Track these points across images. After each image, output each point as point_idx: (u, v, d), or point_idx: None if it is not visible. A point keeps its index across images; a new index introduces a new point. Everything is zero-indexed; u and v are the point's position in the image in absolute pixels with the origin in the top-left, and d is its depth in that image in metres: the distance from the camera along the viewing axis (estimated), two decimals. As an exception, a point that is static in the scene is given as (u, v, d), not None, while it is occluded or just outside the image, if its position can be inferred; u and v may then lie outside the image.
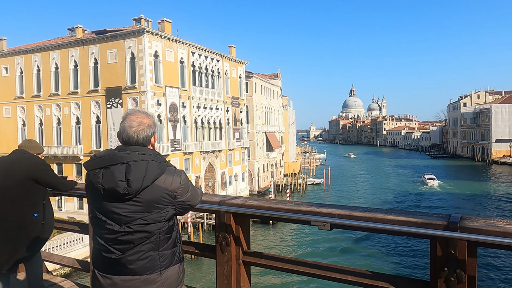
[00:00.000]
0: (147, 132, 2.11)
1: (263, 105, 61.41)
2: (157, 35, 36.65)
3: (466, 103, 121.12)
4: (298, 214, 2.22)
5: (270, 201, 2.46)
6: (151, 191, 1.98)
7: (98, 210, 2.05)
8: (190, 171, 41.11)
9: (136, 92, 35.92)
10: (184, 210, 2.13)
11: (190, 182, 2.17)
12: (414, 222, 1.92)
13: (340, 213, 2.13)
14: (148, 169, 1.98)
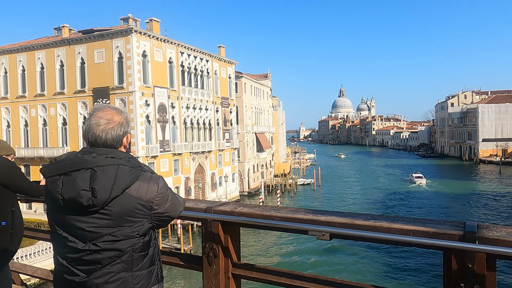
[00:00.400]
0: (117, 132, 1.78)
1: (253, 105, 61.18)
2: (145, 35, 36.15)
3: (453, 103, 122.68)
4: (293, 222, 1.99)
5: (263, 208, 2.22)
6: (121, 201, 1.67)
7: (58, 225, 1.73)
8: (180, 172, 40.68)
9: (124, 92, 35.38)
10: (162, 223, 1.81)
11: (170, 190, 1.86)
12: (425, 232, 1.70)
13: (341, 222, 1.90)
14: (118, 176, 1.67)
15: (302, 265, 27.23)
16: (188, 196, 41.83)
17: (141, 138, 35.33)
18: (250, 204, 2.34)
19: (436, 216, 42.53)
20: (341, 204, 48.60)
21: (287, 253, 30.19)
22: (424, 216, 41.53)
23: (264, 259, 28.70)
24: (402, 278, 24.15)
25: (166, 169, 38.56)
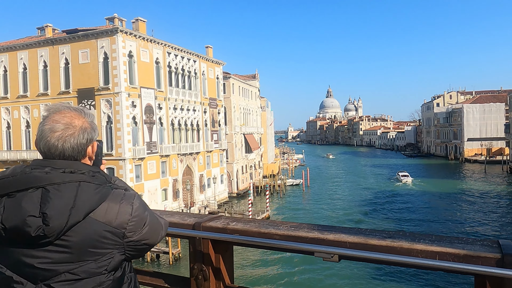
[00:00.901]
0: (78, 139, 1.41)
1: (241, 106, 60.86)
2: (131, 35, 35.54)
3: (439, 103, 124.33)
4: (296, 242, 1.71)
5: (260, 224, 1.94)
6: (83, 229, 1.31)
7: (0, 261, 1.33)
8: (167, 174, 40.11)
9: (110, 93, 34.70)
10: (139, 252, 1.46)
11: (149, 210, 1.49)
12: (453, 254, 1.44)
13: (352, 241, 1.63)
14: (79, 196, 1.31)
15: (306, 279, 25.11)
16: (176, 199, 41.31)
17: (127, 140, 34.70)
18: (244, 219, 2.05)
19: (423, 214, 42.98)
20: (330, 204, 48.65)
21: (288, 273, 26.72)
22: (412, 214, 42.54)
23: (262, 281, 25.92)
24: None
25: (153, 171, 37.97)
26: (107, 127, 35.17)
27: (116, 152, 34.68)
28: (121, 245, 1.38)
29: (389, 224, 37.49)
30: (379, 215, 42.06)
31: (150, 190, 37.37)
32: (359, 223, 38.14)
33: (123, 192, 1.44)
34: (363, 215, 42.24)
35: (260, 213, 40.61)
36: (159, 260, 28.61)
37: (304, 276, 25.58)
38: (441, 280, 23.67)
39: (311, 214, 43.33)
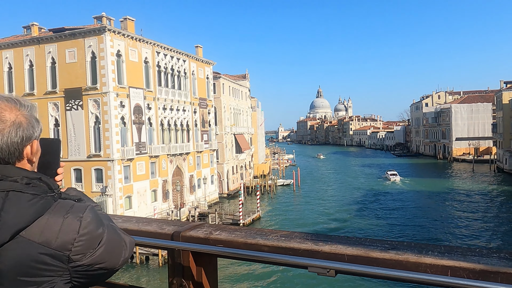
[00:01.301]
0: (10, 137, 1.11)
1: (231, 106, 60.57)
2: (119, 34, 35.03)
3: (427, 103, 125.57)
4: (287, 256, 1.50)
5: (247, 233, 1.73)
6: (12, 252, 1.02)
7: None
8: (157, 175, 39.66)
9: (98, 93, 34.16)
10: (92, 279, 1.15)
11: (107, 226, 1.18)
12: (468, 269, 1.25)
13: (351, 253, 1.43)
14: (6, 209, 1.03)
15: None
16: (166, 200, 40.87)
17: (116, 140, 34.19)
18: (230, 227, 1.84)
19: (411, 212, 43.33)
20: (321, 204, 48.68)
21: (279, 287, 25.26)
22: (401, 213, 42.88)
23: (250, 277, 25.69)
24: None
25: (142, 172, 37.50)
26: (95, 127, 34.61)
27: (104, 153, 34.15)
28: (66, 271, 1.08)
29: (378, 222, 37.65)
30: (368, 214, 42.22)
31: (139, 191, 36.89)
32: (349, 222, 38.24)
33: (72, 204, 1.14)
34: (353, 214, 42.38)
35: (251, 214, 40.43)
36: (148, 263, 28.20)
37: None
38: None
39: (302, 214, 43.30)
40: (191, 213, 38.54)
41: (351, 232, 34.95)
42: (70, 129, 35.11)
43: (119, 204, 34.19)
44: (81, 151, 34.82)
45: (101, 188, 34.30)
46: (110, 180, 34.00)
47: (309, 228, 36.86)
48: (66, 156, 35.29)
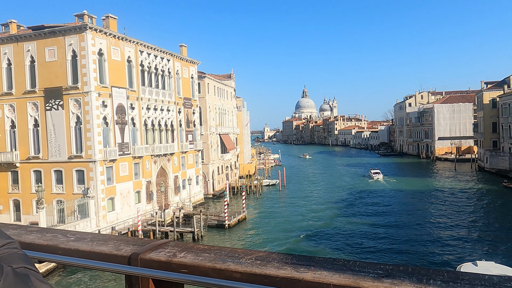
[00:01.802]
0: None
1: (216, 106, 60.13)
2: (101, 32, 34.28)
3: (411, 103, 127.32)
4: (262, 286, 1.26)
5: (217, 254, 1.47)
6: None
7: None
8: (141, 176, 38.99)
9: (79, 92, 33.35)
10: None
11: (14, 273, 0.88)
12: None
13: (337, 283, 1.19)
14: None
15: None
16: (150, 201, 40.22)
17: (98, 141, 33.43)
18: (197, 247, 1.58)
19: (395, 210, 43.82)
20: (306, 204, 48.69)
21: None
22: (383, 211, 43.58)
23: None
24: None
25: (125, 173, 36.80)
26: (76, 127, 33.78)
27: (86, 154, 33.36)
28: None
29: (362, 220, 37.81)
30: (352, 213, 42.44)
31: (122, 192, 36.19)
32: (334, 222, 38.31)
33: None
34: (338, 213, 42.54)
35: (236, 214, 40.12)
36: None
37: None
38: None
39: (287, 214, 43.20)
40: (175, 214, 37.99)
41: (336, 231, 35.03)
42: (50, 129, 34.19)
43: (102, 206, 33.45)
44: (62, 152, 33.95)
45: (83, 190, 33.50)
46: (92, 181, 33.24)
47: (293, 227, 36.77)
48: (46, 157, 34.38)
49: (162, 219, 37.87)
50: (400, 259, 28.32)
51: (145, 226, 35.46)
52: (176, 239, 34.19)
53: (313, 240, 32.75)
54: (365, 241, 31.98)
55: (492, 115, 76.17)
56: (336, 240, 32.45)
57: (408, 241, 32.40)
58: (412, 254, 29.35)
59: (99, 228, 32.51)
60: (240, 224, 39.29)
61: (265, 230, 36.87)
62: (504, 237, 32.93)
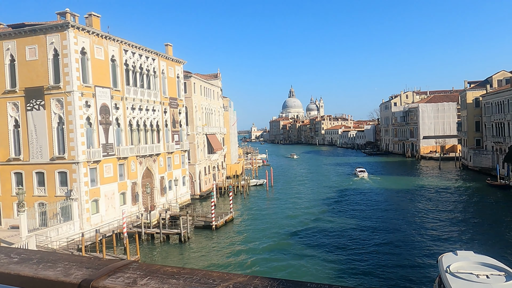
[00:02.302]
0: None
1: (203, 106, 59.62)
2: (83, 30, 33.50)
3: (396, 103, 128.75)
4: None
5: (186, 281, 1.21)
6: None
7: None
8: (126, 177, 38.31)
9: (61, 92, 32.53)
10: None
11: None
12: None
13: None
14: None
15: None
16: (135, 203, 39.55)
17: (81, 142, 32.68)
18: (164, 269, 1.31)
19: (380, 207, 44.22)
20: (293, 203, 48.60)
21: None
22: (369, 208, 44.56)
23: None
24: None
25: (110, 175, 36.09)
26: (59, 128, 32.95)
27: (68, 155, 32.57)
28: None
29: (348, 218, 37.89)
30: (339, 211, 42.51)
31: (107, 194, 35.47)
32: (320, 221, 38.27)
33: None
34: (324, 212, 42.61)
35: (223, 215, 39.76)
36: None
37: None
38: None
39: (275, 214, 43.03)
40: (162, 215, 37.42)
41: (322, 230, 34.97)
42: (31, 130, 33.28)
43: (85, 209, 32.72)
44: (44, 153, 33.08)
45: (66, 192, 32.70)
46: (75, 183, 32.48)
47: (281, 227, 36.60)
48: (27, 159, 33.47)
49: (148, 221, 37.27)
50: (383, 253, 28.94)
51: (130, 228, 34.82)
52: (162, 241, 33.67)
53: (300, 240, 32.64)
54: (350, 239, 32.04)
55: (475, 114, 77.46)
56: (322, 239, 32.45)
57: (392, 236, 32.85)
58: (396, 248, 29.99)
59: (83, 231, 31.78)
60: (228, 224, 38.95)
61: (252, 231, 36.62)
62: (486, 230, 33.84)
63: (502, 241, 30.48)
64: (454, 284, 14.33)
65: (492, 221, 36.77)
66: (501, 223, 35.98)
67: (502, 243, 29.84)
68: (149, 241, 34.11)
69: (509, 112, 61.08)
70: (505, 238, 31.20)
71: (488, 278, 14.38)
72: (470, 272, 15.09)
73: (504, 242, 30.07)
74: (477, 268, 15.53)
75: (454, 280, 14.65)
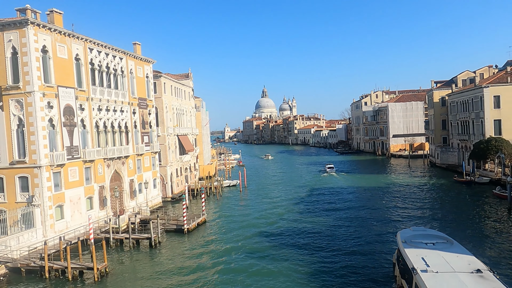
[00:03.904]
0: None
1: (174, 106, 58.39)
2: (44, 28, 31.83)
3: (366, 102, 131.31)
4: None
5: None
6: None
7: None
8: (92, 181, 36.79)
9: (21, 93, 30.77)
10: None
11: None
12: None
13: None
14: None
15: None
16: (103, 207, 38.07)
17: (43, 144, 31.02)
18: None
19: (351, 204, 44.83)
20: (266, 203, 48.31)
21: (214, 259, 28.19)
22: (338, 204, 46.63)
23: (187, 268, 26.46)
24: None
25: (75, 179, 34.51)
26: (19, 130, 31.16)
27: (29, 159, 30.85)
28: None
29: (320, 216, 37.94)
30: (312, 210, 42.57)
31: (72, 199, 33.90)
32: (292, 220, 38.13)
33: None
34: (296, 210, 42.65)
35: (195, 218, 38.92)
36: (83, 277, 25.75)
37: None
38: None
39: (247, 215, 42.57)
40: (131, 220, 36.15)
41: (294, 229, 34.80)
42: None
43: (49, 215, 31.09)
44: (2, 157, 31.21)
45: (27, 198, 30.98)
46: (38, 188, 30.81)
47: (253, 228, 36.14)
48: (-15, 163, 31.44)
49: (117, 226, 35.93)
50: (347, 241, 30.87)
51: (98, 234, 33.43)
52: (132, 246, 32.50)
53: (272, 240, 32.32)
54: (321, 237, 32.01)
55: (441, 113, 79.91)
56: (294, 239, 32.38)
57: (361, 230, 33.68)
58: (361, 238, 31.91)
59: (46, 238, 30.19)
60: (200, 227, 38.15)
61: (225, 233, 36.00)
62: (450, 221, 35.50)
63: (465, 228, 32.48)
64: (408, 250, 18.12)
65: (457, 215, 37.81)
66: (466, 215, 37.05)
67: (463, 229, 31.94)
68: (118, 247, 32.84)
69: (473, 110, 63.28)
70: (468, 226, 33.24)
71: (434, 245, 18.67)
72: (420, 241, 19.24)
73: (464, 227, 32.38)
74: (426, 238, 19.79)
75: (407, 247, 18.61)
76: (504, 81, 59.10)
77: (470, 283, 14.20)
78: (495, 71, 71.95)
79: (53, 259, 27.35)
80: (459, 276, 14.84)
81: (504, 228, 32.87)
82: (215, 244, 32.46)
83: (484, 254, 25.70)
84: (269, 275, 24.69)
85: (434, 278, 14.88)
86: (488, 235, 31.01)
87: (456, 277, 14.79)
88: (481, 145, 54.70)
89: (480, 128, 60.92)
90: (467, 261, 16.33)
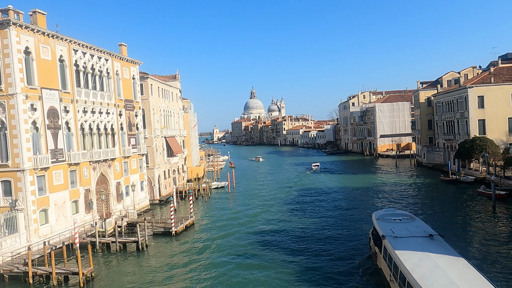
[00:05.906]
0: None
1: (161, 108, 57.93)
2: (27, 28, 31.23)
3: (354, 103, 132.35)
4: None
5: None
6: None
7: None
8: (78, 184, 36.20)
9: (3, 95, 30.11)
10: None
11: None
12: None
13: None
14: None
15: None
16: (89, 211, 37.50)
17: (26, 148, 30.40)
18: None
19: (338, 203, 45.02)
20: (254, 204, 48.24)
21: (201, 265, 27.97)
22: (325, 203, 47.33)
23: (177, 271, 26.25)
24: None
25: (60, 182, 33.92)
26: (1, 134, 30.48)
27: (12, 163, 30.21)
28: None
29: (308, 216, 38.05)
30: (299, 210, 42.64)
31: (57, 203, 33.30)
32: (280, 221, 38.12)
33: None
34: (284, 210, 42.66)
35: (183, 220, 38.62)
36: (68, 283, 25.28)
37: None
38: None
39: (236, 217, 42.42)
40: (118, 223, 35.67)
41: (281, 230, 34.80)
42: (-31, 136, 30.53)
43: (33, 219, 30.47)
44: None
45: (10, 202, 30.32)
46: (21, 192, 30.18)
47: (241, 229, 36.02)
48: (-35, 167, 30.69)
49: (103, 229, 35.42)
50: (331, 231, 31.58)
51: (83, 238, 32.90)
52: (119, 250, 32.07)
53: (260, 241, 32.23)
54: (310, 237, 32.03)
55: (427, 113, 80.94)
56: (282, 239, 32.41)
57: (349, 228, 33.52)
58: (346, 230, 32.98)
59: (30, 243, 29.57)
60: (188, 230, 37.87)
61: (213, 235, 35.78)
62: (435, 218, 35.33)
63: (451, 225, 33.11)
64: (380, 224, 23.33)
65: (443, 213, 38.29)
66: (452, 213, 37.57)
67: (449, 226, 32.31)
68: (104, 251, 32.36)
69: (458, 110, 64.24)
70: (454, 223, 33.70)
71: (400, 220, 23.97)
72: (390, 218, 24.49)
73: (450, 224, 32.67)
74: (395, 215, 25.16)
75: (379, 222, 23.83)
76: (487, 82, 60.13)
77: (422, 242, 19.29)
78: (479, 71, 73.20)
79: (37, 265, 26.80)
80: (416, 239, 19.89)
81: (489, 225, 33.49)
82: (203, 247, 32.23)
83: (469, 249, 26.20)
84: (258, 276, 24.59)
85: (396, 240, 19.91)
86: (473, 232, 31.68)
87: (413, 239, 19.83)
88: (466, 145, 55.51)
89: (465, 128, 61.86)
90: (423, 230, 21.50)
